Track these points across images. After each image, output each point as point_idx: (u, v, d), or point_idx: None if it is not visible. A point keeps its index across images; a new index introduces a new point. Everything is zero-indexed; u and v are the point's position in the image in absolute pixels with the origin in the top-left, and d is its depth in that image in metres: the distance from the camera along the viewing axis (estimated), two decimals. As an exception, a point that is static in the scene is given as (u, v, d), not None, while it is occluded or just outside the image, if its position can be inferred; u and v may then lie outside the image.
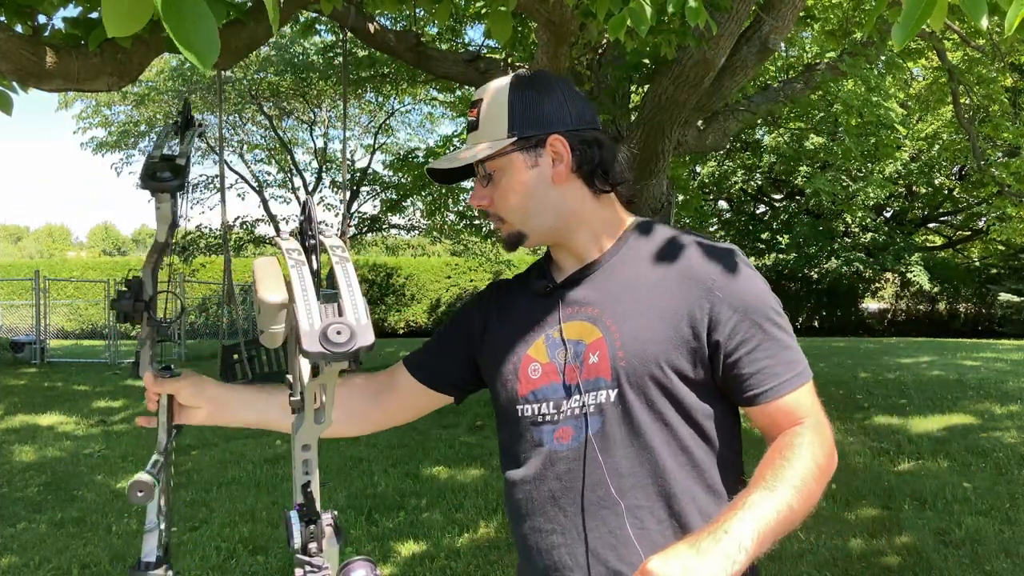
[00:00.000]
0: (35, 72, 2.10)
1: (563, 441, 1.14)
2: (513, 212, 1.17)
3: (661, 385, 1.10)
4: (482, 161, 1.17)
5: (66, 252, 54.67)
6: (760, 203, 20.61)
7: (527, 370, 1.18)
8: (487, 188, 1.18)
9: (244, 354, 5.34)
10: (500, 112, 1.16)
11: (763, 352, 1.09)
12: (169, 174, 0.96)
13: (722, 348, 1.09)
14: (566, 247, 1.21)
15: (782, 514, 0.96)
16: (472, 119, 1.19)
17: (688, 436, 1.12)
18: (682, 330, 1.10)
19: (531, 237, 1.19)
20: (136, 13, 0.89)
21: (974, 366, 9.97)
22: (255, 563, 3.73)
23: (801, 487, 1.00)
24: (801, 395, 1.10)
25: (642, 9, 2.31)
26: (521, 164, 1.16)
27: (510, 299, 1.29)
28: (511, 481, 1.21)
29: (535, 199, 1.17)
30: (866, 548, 3.77)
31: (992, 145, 11.85)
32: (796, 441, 1.06)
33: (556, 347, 1.16)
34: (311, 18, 7.37)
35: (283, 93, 15.53)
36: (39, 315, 13.31)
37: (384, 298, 21.87)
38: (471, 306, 1.33)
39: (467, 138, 1.21)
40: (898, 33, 1.09)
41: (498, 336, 1.25)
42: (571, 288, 1.19)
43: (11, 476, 5.37)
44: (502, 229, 1.20)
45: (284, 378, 0.96)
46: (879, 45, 6.59)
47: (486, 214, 1.22)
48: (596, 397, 1.12)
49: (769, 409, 1.09)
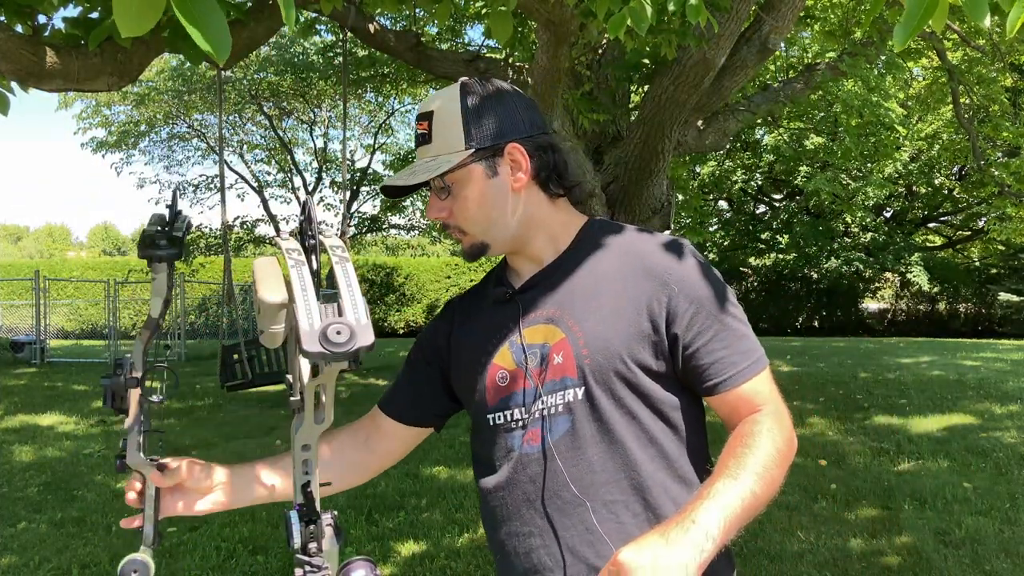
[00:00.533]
0: (35, 72, 2.10)
1: (532, 443, 1.14)
2: (474, 223, 1.17)
3: (626, 380, 1.11)
4: (442, 175, 1.15)
5: (66, 252, 54.75)
6: (760, 203, 20.62)
7: (495, 378, 1.19)
8: (445, 201, 1.17)
9: (244, 354, 5.34)
10: (454, 123, 1.15)
11: (719, 343, 1.11)
12: (166, 242, 0.96)
13: (680, 340, 1.11)
14: (525, 253, 1.21)
15: (746, 501, 0.98)
16: (423, 132, 1.17)
17: (656, 428, 1.13)
18: (642, 324, 1.11)
19: (493, 247, 1.19)
20: (146, 13, 0.90)
21: (974, 366, 9.97)
22: (255, 563, 3.73)
23: (763, 473, 1.02)
24: (759, 383, 1.12)
25: (642, 8, 2.30)
26: (480, 175, 1.15)
27: (470, 311, 1.29)
28: (486, 489, 1.22)
29: (496, 209, 1.16)
30: (866, 548, 3.77)
31: (992, 145, 11.84)
32: (756, 429, 1.08)
33: (521, 352, 1.17)
34: (311, 18, 7.37)
35: (283, 93, 15.53)
36: (39, 315, 13.31)
37: (384, 298, 21.88)
38: (430, 330, 1.33)
39: (418, 152, 1.19)
40: (899, 34, 1.09)
41: (463, 348, 1.25)
42: (530, 292, 1.20)
43: (11, 476, 5.37)
44: (463, 241, 1.19)
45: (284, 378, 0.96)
46: (879, 45, 6.59)
47: (445, 227, 1.20)
48: (564, 396, 1.13)
49: (729, 398, 1.11)
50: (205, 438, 6.53)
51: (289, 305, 0.80)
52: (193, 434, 6.69)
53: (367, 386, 9.39)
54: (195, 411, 7.88)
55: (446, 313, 1.33)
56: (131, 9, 0.90)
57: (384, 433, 1.31)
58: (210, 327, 19.03)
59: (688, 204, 10.54)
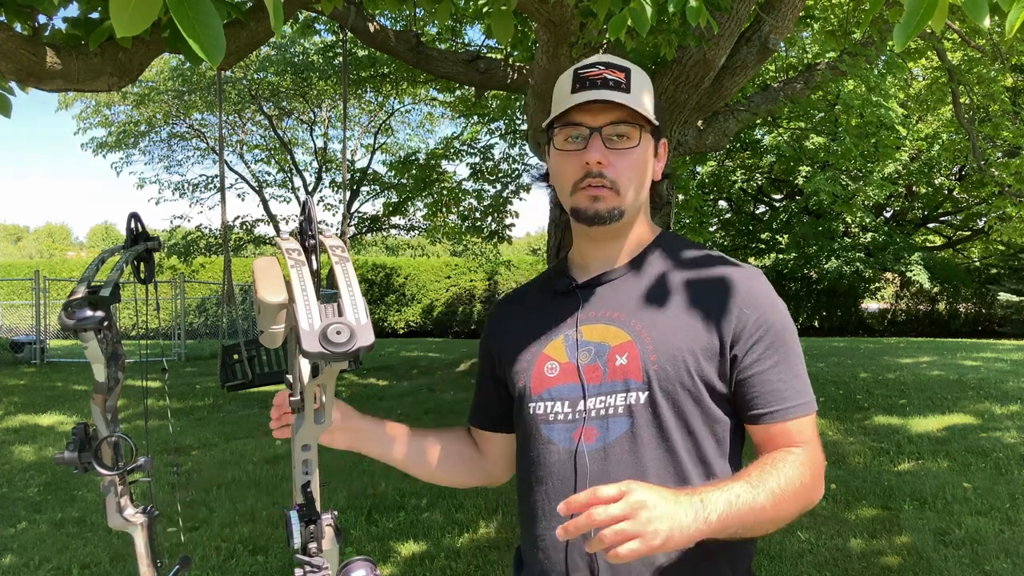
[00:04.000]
0: (35, 72, 2.10)
1: (587, 441, 1.12)
2: (630, 185, 1.15)
3: (690, 392, 1.11)
4: (625, 122, 1.13)
5: (66, 252, 54.67)
6: (760, 203, 20.59)
7: (543, 368, 1.18)
8: (611, 150, 1.13)
9: (244, 354, 5.32)
10: (648, 92, 1.17)
11: (776, 374, 1.12)
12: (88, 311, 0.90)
13: (739, 362, 1.11)
14: (609, 244, 1.21)
15: (753, 510, 1.00)
16: (618, 80, 1.13)
17: (708, 446, 1.13)
18: (712, 341, 1.11)
19: (624, 219, 1.17)
20: (143, 13, 0.91)
21: (974, 366, 9.97)
22: (255, 563, 3.73)
23: (779, 495, 1.03)
24: (804, 424, 1.12)
25: (643, 9, 2.30)
26: (650, 147, 1.17)
27: (522, 303, 1.30)
28: (527, 481, 1.20)
29: (645, 184, 1.18)
30: (866, 548, 3.77)
31: (992, 145, 11.84)
32: (790, 457, 1.08)
33: (575, 347, 1.16)
34: (311, 17, 7.37)
35: (283, 93, 15.52)
36: (39, 315, 13.31)
37: (384, 298, 21.87)
38: (483, 337, 1.35)
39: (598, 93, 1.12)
40: (899, 35, 1.09)
41: (511, 337, 1.25)
42: (593, 289, 1.20)
43: (11, 476, 5.37)
44: (607, 200, 1.14)
45: (284, 378, 0.96)
46: (879, 45, 6.59)
47: (590, 175, 1.13)
48: (626, 398, 1.12)
49: (772, 430, 1.12)
50: (205, 438, 6.53)
51: (289, 305, 0.80)
52: (193, 434, 6.69)
53: (367, 386, 9.38)
54: (195, 411, 7.87)
55: (490, 319, 1.35)
56: (127, 9, 0.90)
57: (488, 447, 1.34)
58: (210, 327, 19.02)
59: (688, 204, 10.55)
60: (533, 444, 1.18)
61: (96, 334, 0.91)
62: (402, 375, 10.47)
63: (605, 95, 1.11)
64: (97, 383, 0.96)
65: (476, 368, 1.37)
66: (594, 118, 1.12)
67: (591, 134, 1.12)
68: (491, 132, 11.60)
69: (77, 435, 0.97)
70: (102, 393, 0.97)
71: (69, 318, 0.89)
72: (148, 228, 1.08)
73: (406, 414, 7.33)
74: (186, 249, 15.79)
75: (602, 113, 1.12)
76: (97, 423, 0.98)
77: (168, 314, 15.17)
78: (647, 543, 0.89)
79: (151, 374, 1.07)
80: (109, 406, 0.98)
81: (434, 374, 10.55)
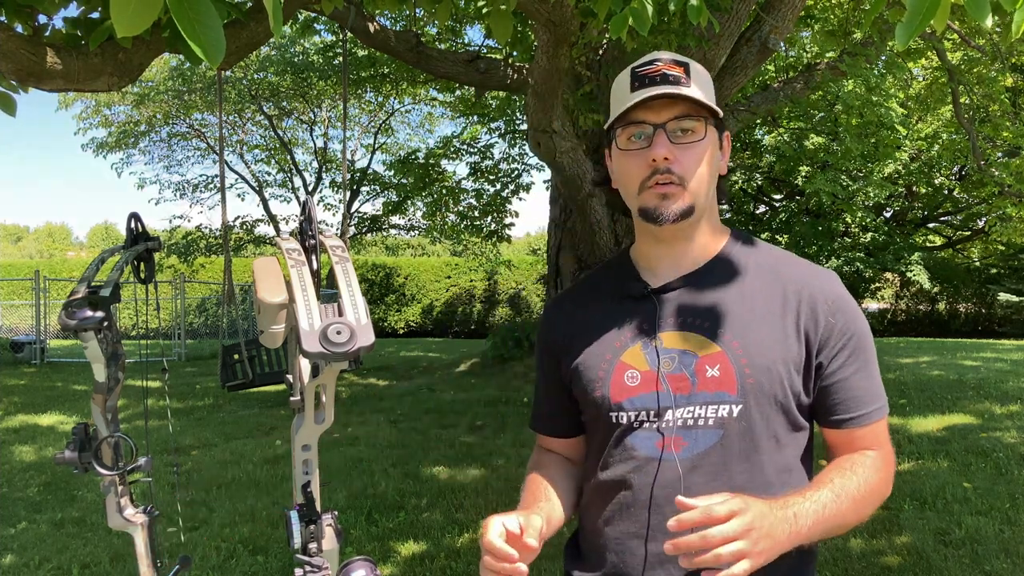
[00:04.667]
0: (35, 72, 2.09)
1: (674, 451, 1.10)
2: (700, 180, 1.11)
3: (781, 405, 1.12)
4: (689, 116, 1.10)
5: (66, 252, 54.67)
6: (760, 203, 20.59)
7: (623, 377, 1.15)
8: (676, 144, 1.10)
9: (244, 354, 5.32)
10: (708, 83, 1.14)
11: (860, 379, 1.13)
12: (88, 311, 0.91)
13: (825, 368, 1.12)
14: (679, 245, 1.16)
15: (836, 519, 1.05)
16: (678, 75, 1.10)
17: (790, 456, 1.15)
18: (800, 351, 1.12)
19: (694, 216, 1.12)
20: (143, 12, 0.91)
21: (974, 366, 9.97)
22: (255, 563, 3.73)
23: (860, 501, 1.09)
24: (881, 427, 1.16)
25: (644, 8, 2.30)
26: (715, 141, 1.14)
27: (583, 305, 1.26)
28: (603, 484, 1.18)
29: (713, 178, 1.14)
30: (866, 548, 3.77)
31: (992, 145, 11.84)
32: (868, 461, 1.13)
33: (655, 355, 1.13)
34: (311, 17, 7.37)
35: (283, 93, 15.52)
36: (39, 315, 13.31)
37: (384, 298, 21.87)
38: (541, 340, 1.31)
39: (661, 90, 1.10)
40: (901, 34, 1.09)
41: (581, 343, 1.20)
42: (671, 294, 1.16)
43: (11, 476, 5.37)
44: (676, 196, 1.10)
45: (284, 378, 0.96)
46: (879, 45, 6.59)
47: (658, 171, 1.10)
48: (718, 410, 1.10)
49: (854, 434, 1.15)
50: (205, 438, 6.53)
51: (289, 305, 0.80)
52: (193, 434, 6.69)
53: (367, 386, 9.38)
54: (195, 411, 7.87)
55: (547, 323, 1.30)
56: (127, 9, 0.90)
57: (565, 451, 1.31)
58: (210, 327, 19.02)
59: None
60: (612, 451, 1.16)
61: (96, 334, 0.91)
62: (402, 375, 10.46)
63: (667, 89, 1.08)
64: (97, 383, 0.96)
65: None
66: (657, 114, 1.10)
67: (655, 131, 1.09)
68: (491, 132, 11.60)
69: (77, 435, 0.97)
70: (102, 393, 0.97)
71: (69, 318, 0.89)
72: (148, 228, 1.08)
73: (406, 414, 7.34)
74: (186, 249, 15.79)
75: (664, 109, 1.10)
76: (97, 423, 0.98)
77: (168, 314, 15.18)
78: (755, 563, 0.92)
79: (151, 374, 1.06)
80: (109, 406, 0.97)
81: (434, 374, 10.54)
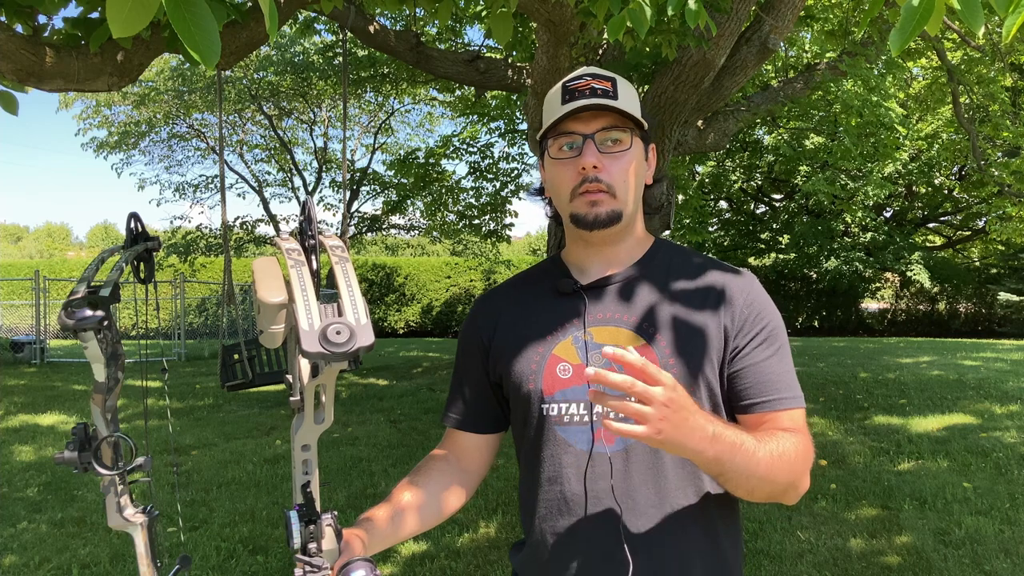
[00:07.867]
0: (35, 72, 2.10)
1: (607, 443, 1.14)
2: (627, 189, 1.17)
3: (707, 398, 1.15)
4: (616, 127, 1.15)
5: (66, 252, 54.67)
6: (760, 203, 20.60)
7: (555, 370, 1.18)
8: (604, 154, 1.15)
9: (244, 354, 5.32)
10: (634, 97, 1.19)
11: (773, 366, 1.15)
12: (88, 311, 0.90)
13: (738, 352, 1.15)
14: (607, 249, 1.21)
15: (748, 460, 1.02)
16: (606, 88, 1.16)
17: None
18: (720, 344, 1.15)
19: (622, 222, 1.18)
20: (139, 13, 0.91)
21: (974, 366, 9.97)
22: (255, 563, 3.73)
23: (774, 459, 1.05)
24: (797, 415, 1.15)
25: (641, 10, 2.30)
26: (640, 152, 1.20)
27: (514, 301, 1.29)
28: (536, 480, 1.20)
29: (638, 188, 1.21)
30: (866, 548, 3.77)
31: (992, 145, 11.84)
32: (787, 435, 1.10)
33: (585, 349, 1.17)
34: (311, 17, 7.37)
35: (283, 93, 15.51)
36: (39, 315, 13.32)
37: (384, 298, 21.88)
38: (467, 333, 1.32)
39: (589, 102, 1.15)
40: (895, 39, 1.11)
41: (512, 336, 1.24)
42: (599, 291, 1.20)
43: (11, 476, 5.37)
44: (605, 203, 1.15)
45: (284, 378, 0.96)
46: (879, 45, 6.59)
47: (587, 179, 1.15)
48: None
49: (765, 419, 1.14)
50: (205, 438, 6.53)
51: (289, 305, 0.81)
52: (193, 434, 6.69)
53: (367, 386, 9.38)
54: (195, 411, 7.88)
55: (477, 314, 1.32)
56: (123, 10, 0.91)
57: (471, 449, 1.32)
58: (210, 327, 19.02)
59: (688, 204, 10.55)
60: (546, 445, 1.19)
61: (96, 334, 0.91)
62: (402, 375, 10.47)
63: (595, 101, 1.14)
64: (97, 383, 0.96)
65: None
66: (586, 125, 1.15)
67: (584, 141, 1.15)
68: (491, 132, 11.60)
69: (77, 435, 0.97)
70: (102, 393, 0.96)
71: (69, 318, 0.89)
72: (148, 228, 1.08)
73: (406, 414, 7.33)
74: (186, 249, 15.80)
75: (593, 120, 1.15)
76: (97, 423, 0.98)
77: (168, 314, 15.18)
78: (649, 434, 0.91)
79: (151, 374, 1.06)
80: (109, 406, 0.97)
81: (434, 374, 10.55)
